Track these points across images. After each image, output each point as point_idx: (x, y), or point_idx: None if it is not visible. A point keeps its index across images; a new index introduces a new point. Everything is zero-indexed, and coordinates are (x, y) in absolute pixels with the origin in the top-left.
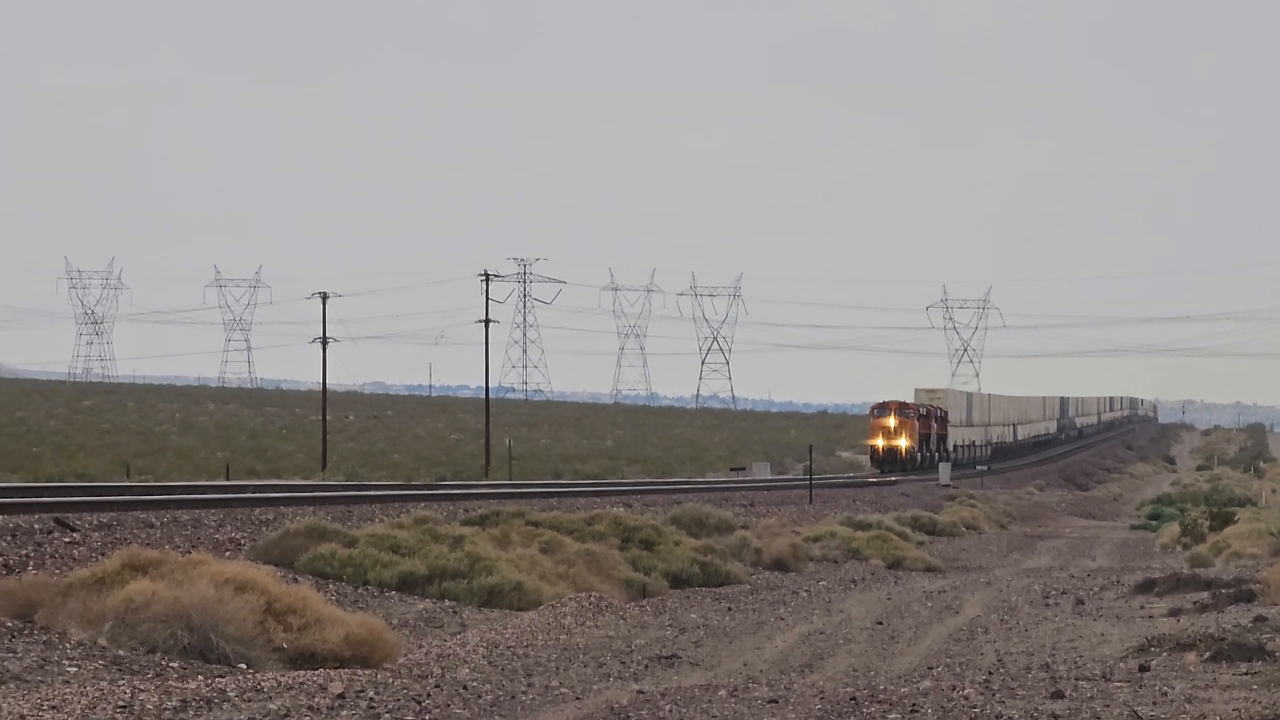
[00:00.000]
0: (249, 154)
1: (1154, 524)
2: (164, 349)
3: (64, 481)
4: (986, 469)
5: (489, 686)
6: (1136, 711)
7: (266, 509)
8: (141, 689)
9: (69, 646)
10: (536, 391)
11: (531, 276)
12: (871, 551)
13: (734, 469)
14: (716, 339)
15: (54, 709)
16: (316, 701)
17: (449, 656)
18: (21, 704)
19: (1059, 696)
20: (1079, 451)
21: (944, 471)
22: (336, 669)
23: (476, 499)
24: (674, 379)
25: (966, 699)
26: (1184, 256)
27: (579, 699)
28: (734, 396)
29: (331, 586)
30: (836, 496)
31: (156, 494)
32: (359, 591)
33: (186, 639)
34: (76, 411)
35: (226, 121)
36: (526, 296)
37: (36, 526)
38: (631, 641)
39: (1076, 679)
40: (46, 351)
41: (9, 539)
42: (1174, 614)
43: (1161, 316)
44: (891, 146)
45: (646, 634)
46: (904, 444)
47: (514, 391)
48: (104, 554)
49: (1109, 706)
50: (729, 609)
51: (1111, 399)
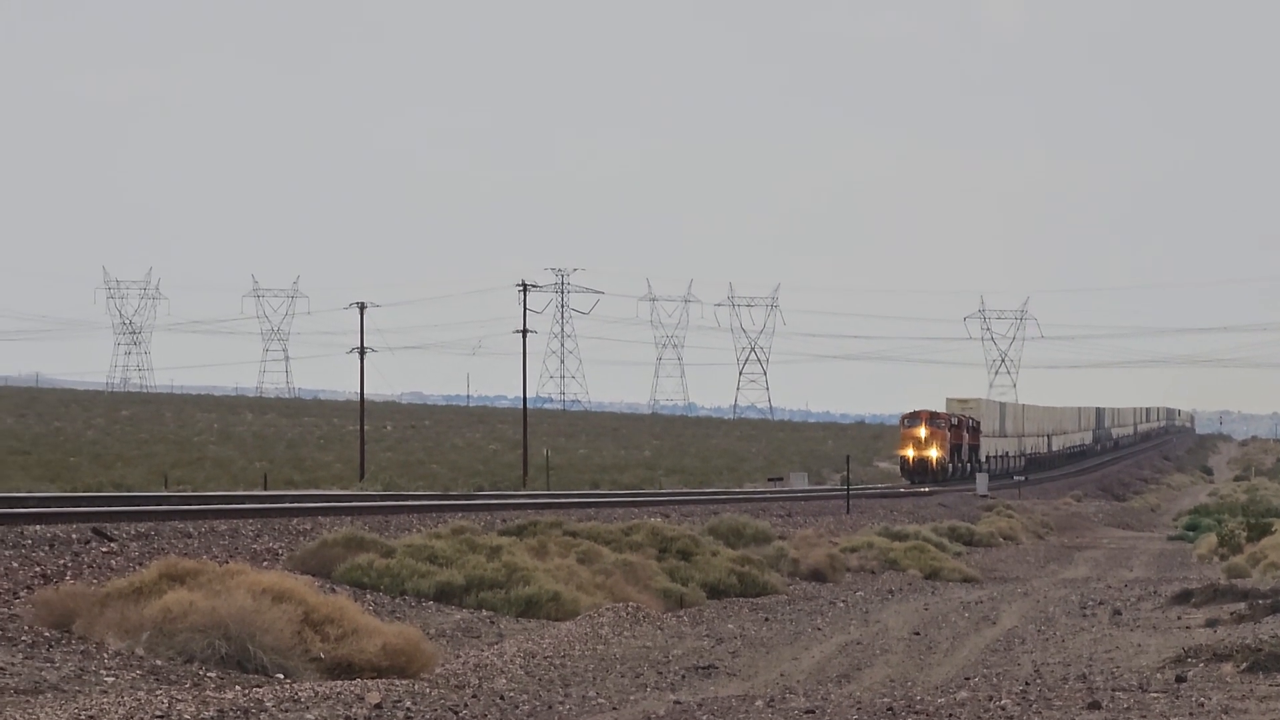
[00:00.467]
0: (287, 164)
1: (1191, 535)
2: (202, 359)
3: (102, 491)
4: (1024, 479)
5: (526, 697)
6: None
7: (304, 519)
8: (179, 699)
9: (106, 656)
10: (574, 402)
11: (569, 287)
12: (909, 562)
13: (771, 479)
14: (754, 349)
15: (91, 719)
16: (354, 712)
17: (486, 667)
18: (59, 714)
19: (1096, 707)
20: (1116, 462)
21: (981, 482)
22: (374, 679)
23: (514, 509)
24: (711, 389)
25: (1003, 709)
26: (1222, 266)
27: (616, 709)
28: (771, 407)
29: (369, 596)
30: (874, 507)
31: (194, 504)
32: (396, 601)
33: (224, 649)
34: (114, 421)
35: (264, 131)
36: (564, 307)
37: (74, 536)
38: (669, 652)
39: (1113, 690)
40: (84, 361)
41: (47, 549)
42: (1211, 625)
43: (1199, 327)
44: (929, 157)
45: (683, 644)
46: (935, 454)
47: (552, 402)
48: (141, 564)
49: (1145, 717)
50: (766, 619)
51: (1148, 409)
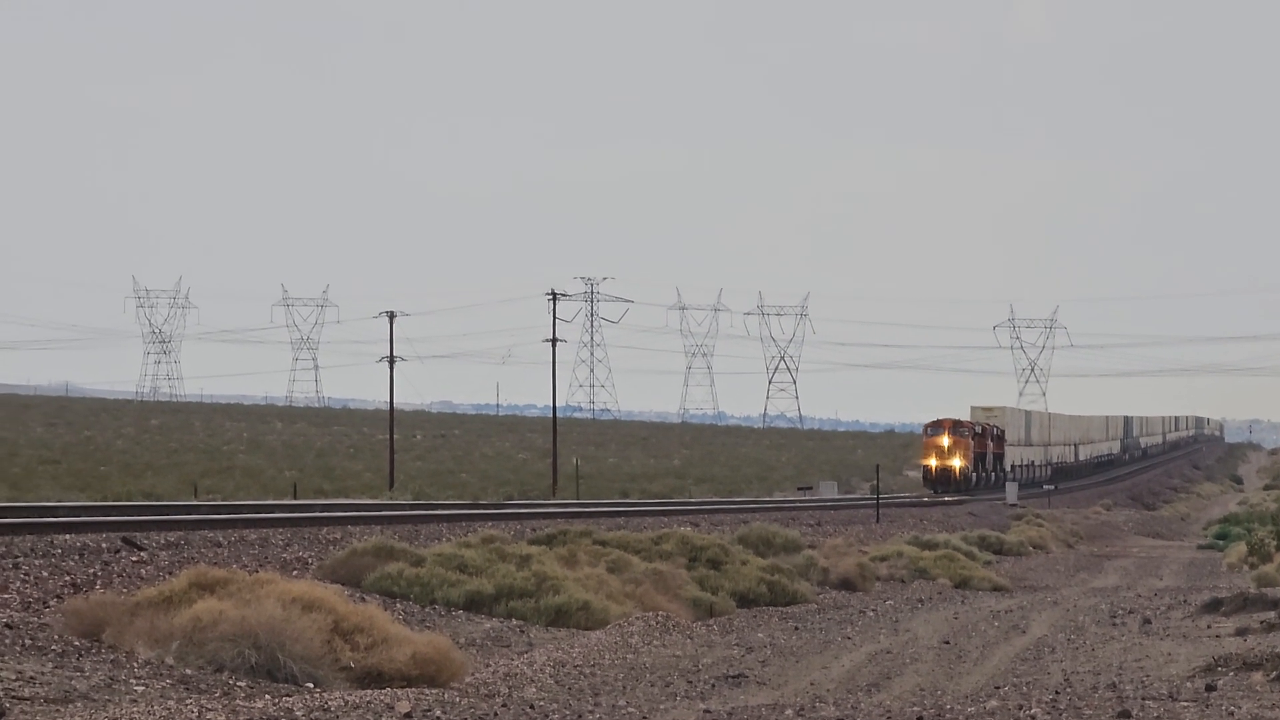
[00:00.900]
0: (316, 173)
1: (1221, 543)
2: (231, 368)
3: (131, 500)
4: (1053, 488)
5: (556, 706)
6: None
7: (334, 528)
8: (209, 708)
9: (136, 665)
10: (604, 411)
11: (599, 296)
12: (938, 571)
13: (801, 488)
14: (783, 358)
15: None
16: None
17: (516, 676)
18: None
19: (1126, 716)
20: (1145, 471)
21: (1011, 491)
22: (403, 688)
23: (543, 518)
24: (741, 398)
25: (1033, 718)
26: (1252, 275)
27: (646, 718)
28: (801, 416)
29: (399, 605)
30: (903, 516)
31: (224, 513)
32: (426, 610)
33: (254, 658)
34: (144, 430)
35: (294, 140)
36: (594, 316)
37: (104, 545)
38: (698, 661)
39: (1143, 699)
40: (114, 371)
41: (77, 558)
42: (1241, 633)
43: (1229, 335)
44: (959, 165)
45: (713, 653)
46: (958, 464)
47: (581, 411)
48: (171, 573)
49: None
50: (796, 628)
51: (1177, 418)
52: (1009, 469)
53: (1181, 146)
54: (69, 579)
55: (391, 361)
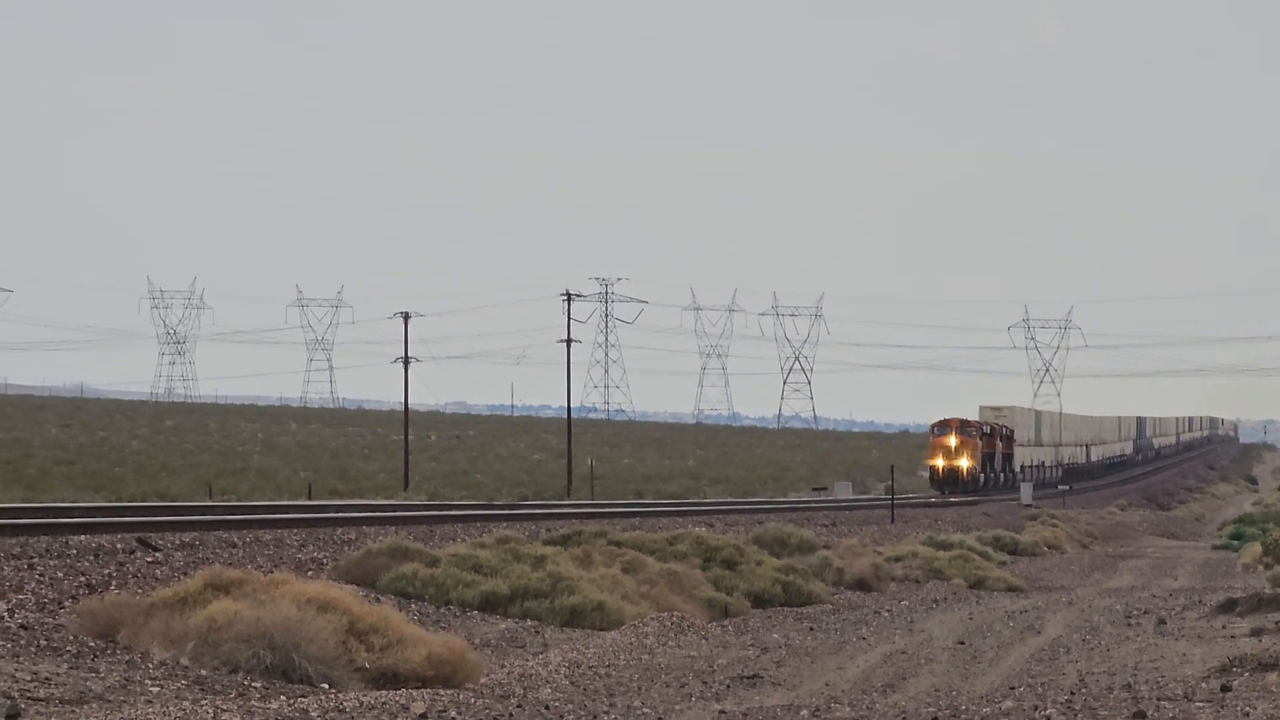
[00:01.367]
0: (331, 173)
1: (1236, 544)
2: (246, 369)
3: (146, 501)
4: (1068, 489)
5: (571, 707)
6: None
7: (349, 529)
8: (224, 709)
9: (151, 666)
10: (618, 411)
11: (613, 296)
12: (953, 571)
13: (816, 489)
14: (798, 359)
15: None
16: None
17: (531, 676)
18: None
19: (1141, 717)
20: (1159, 471)
21: (1025, 491)
22: (419, 689)
23: (558, 519)
24: (756, 399)
25: (1049, 719)
26: (1266, 275)
27: (661, 719)
28: (816, 416)
29: (413, 606)
30: (918, 516)
31: (238, 514)
32: (441, 611)
33: (269, 659)
34: (159, 431)
35: (308, 140)
36: (608, 316)
37: (119, 546)
38: (714, 661)
39: (1158, 699)
40: (129, 371)
41: (92, 559)
42: (1256, 634)
43: (1244, 336)
44: (972, 165)
45: (729, 654)
46: (965, 464)
47: (596, 411)
48: (186, 574)
49: None
50: (811, 629)
51: (1190, 419)
52: (1018, 470)
53: (1197, 146)
54: (84, 580)
55: (406, 362)
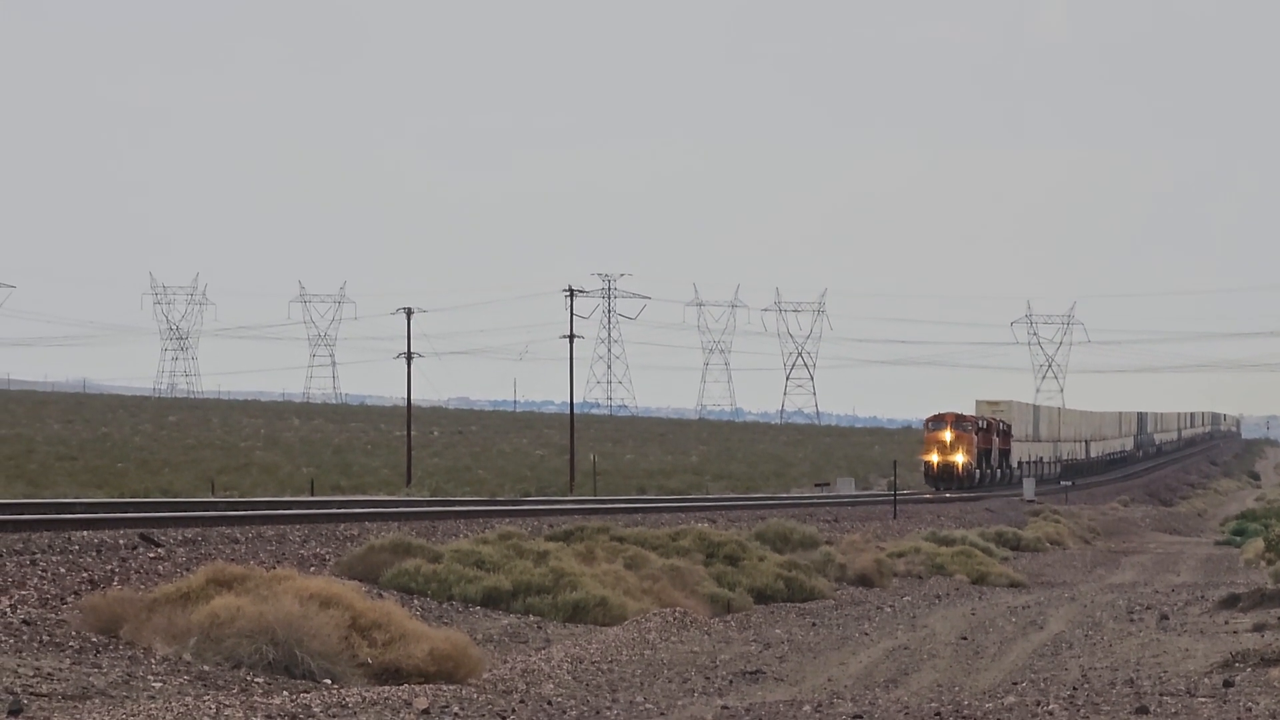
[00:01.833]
0: (333, 169)
1: (1238, 539)
2: (249, 364)
3: (149, 497)
4: (1070, 484)
5: (573, 702)
6: None
7: (351, 524)
8: (226, 705)
9: (154, 662)
10: (621, 407)
11: (616, 292)
12: (956, 567)
13: (818, 484)
14: (801, 354)
15: None
16: (402, 717)
17: (533, 672)
18: (106, 719)
19: (1143, 712)
20: (1162, 467)
21: (1028, 487)
22: (421, 684)
23: (561, 514)
24: (758, 394)
25: (1051, 714)
26: (1269, 271)
27: (664, 715)
28: (818, 412)
29: (416, 602)
30: (921, 512)
31: (241, 509)
32: (443, 607)
33: (271, 654)
34: (161, 427)
35: (311, 136)
36: (611, 312)
37: (121, 542)
38: (716, 657)
39: (1161, 695)
40: (131, 367)
41: (94, 554)
42: (1258, 629)
43: (1247, 331)
44: (976, 161)
45: (731, 649)
46: (960, 460)
47: (599, 407)
48: (189, 569)
49: None
50: (813, 624)
51: (1192, 415)
52: (1016, 465)
53: (1198, 143)
54: (86, 575)
55: (409, 358)
